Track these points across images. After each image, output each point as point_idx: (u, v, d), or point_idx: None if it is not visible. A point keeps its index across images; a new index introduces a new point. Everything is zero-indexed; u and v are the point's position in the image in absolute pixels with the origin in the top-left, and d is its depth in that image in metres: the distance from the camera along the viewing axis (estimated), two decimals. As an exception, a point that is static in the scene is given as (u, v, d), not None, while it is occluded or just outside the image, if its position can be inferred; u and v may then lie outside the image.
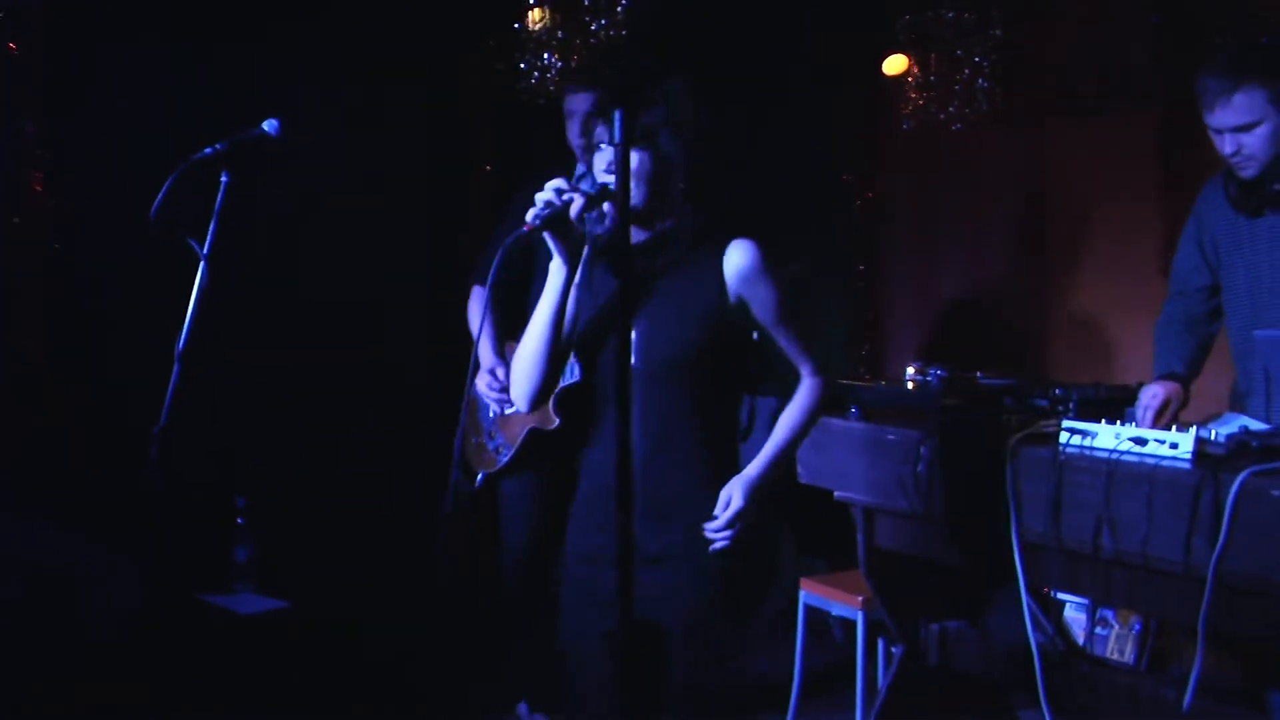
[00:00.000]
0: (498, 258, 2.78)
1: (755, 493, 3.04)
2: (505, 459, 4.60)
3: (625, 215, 2.60)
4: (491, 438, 4.68)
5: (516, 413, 4.56)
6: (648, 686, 2.69)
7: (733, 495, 3.02)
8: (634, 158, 2.99)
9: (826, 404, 3.25)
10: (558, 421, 4.41)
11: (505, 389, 4.56)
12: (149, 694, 4.25)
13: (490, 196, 6.14)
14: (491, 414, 4.68)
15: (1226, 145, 3.80)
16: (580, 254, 3.03)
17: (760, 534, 3.11)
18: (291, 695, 4.66)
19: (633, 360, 2.95)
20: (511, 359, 3.48)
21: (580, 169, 4.65)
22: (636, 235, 3.04)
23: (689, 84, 3.15)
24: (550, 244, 2.95)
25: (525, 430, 4.53)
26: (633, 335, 2.95)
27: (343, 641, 5.12)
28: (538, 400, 3.13)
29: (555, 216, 2.88)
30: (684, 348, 3.03)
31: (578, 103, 4.64)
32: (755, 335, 3.15)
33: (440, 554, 5.03)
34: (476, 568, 5.91)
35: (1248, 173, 3.83)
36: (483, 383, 4.63)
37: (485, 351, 4.66)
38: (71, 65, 5.20)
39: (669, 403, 3.04)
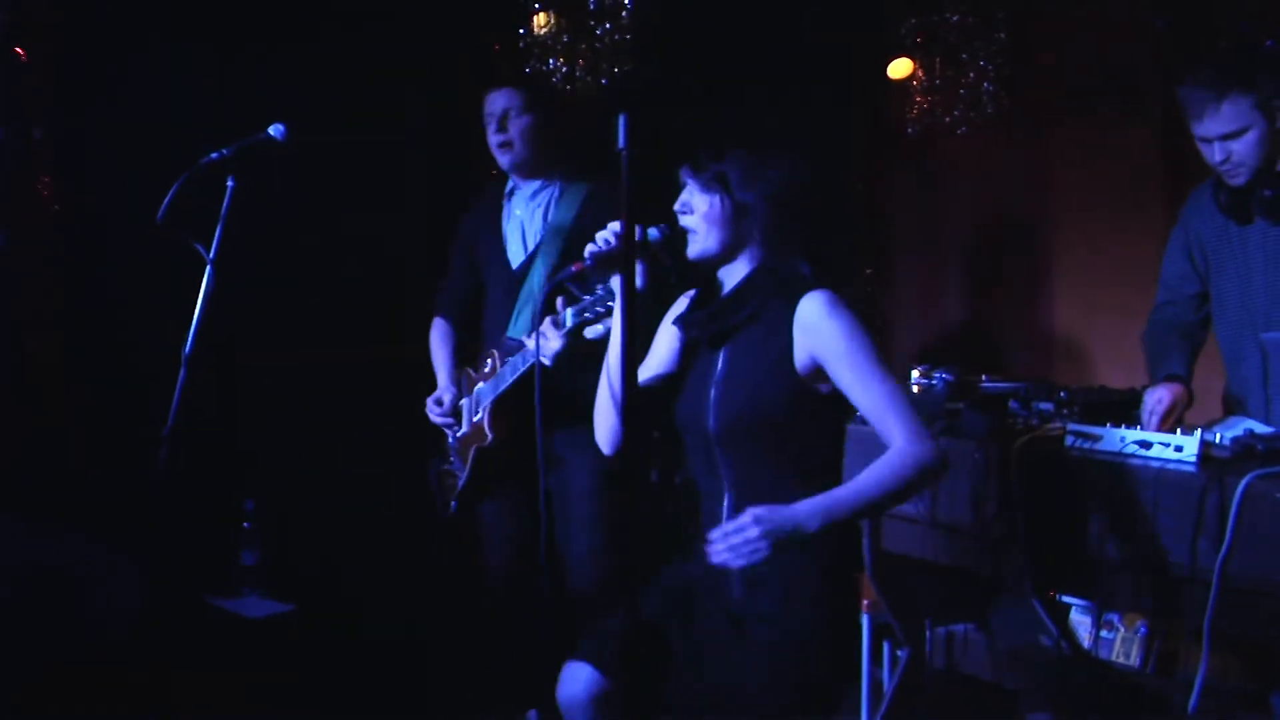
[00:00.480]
0: (547, 287, 2.84)
1: (769, 523, 2.77)
2: (462, 482, 4.57)
3: (630, 220, 2.54)
4: (452, 463, 4.66)
5: (465, 434, 4.54)
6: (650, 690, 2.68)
7: (746, 515, 2.79)
8: (706, 200, 3.01)
9: (928, 479, 2.92)
10: (491, 437, 4.37)
11: (452, 414, 4.56)
12: (155, 696, 4.26)
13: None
14: (451, 440, 4.66)
15: (1216, 154, 3.81)
16: (645, 293, 3.02)
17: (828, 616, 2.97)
18: (298, 698, 4.67)
19: (710, 422, 2.98)
20: (463, 384, 3.52)
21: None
22: (726, 285, 3.06)
23: (775, 132, 3.15)
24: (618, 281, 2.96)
25: (472, 450, 4.50)
26: (709, 393, 3.01)
27: (349, 645, 5.12)
28: (616, 444, 3.14)
29: (608, 257, 2.89)
30: (757, 408, 2.94)
31: (494, 103, 4.57)
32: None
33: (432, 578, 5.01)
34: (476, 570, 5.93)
35: (1238, 180, 3.83)
36: (431, 411, 4.62)
37: (440, 375, 4.68)
38: (80, 70, 5.21)
39: (749, 465, 2.97)
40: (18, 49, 5.02)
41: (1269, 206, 3.83)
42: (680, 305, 3.22)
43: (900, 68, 6.23)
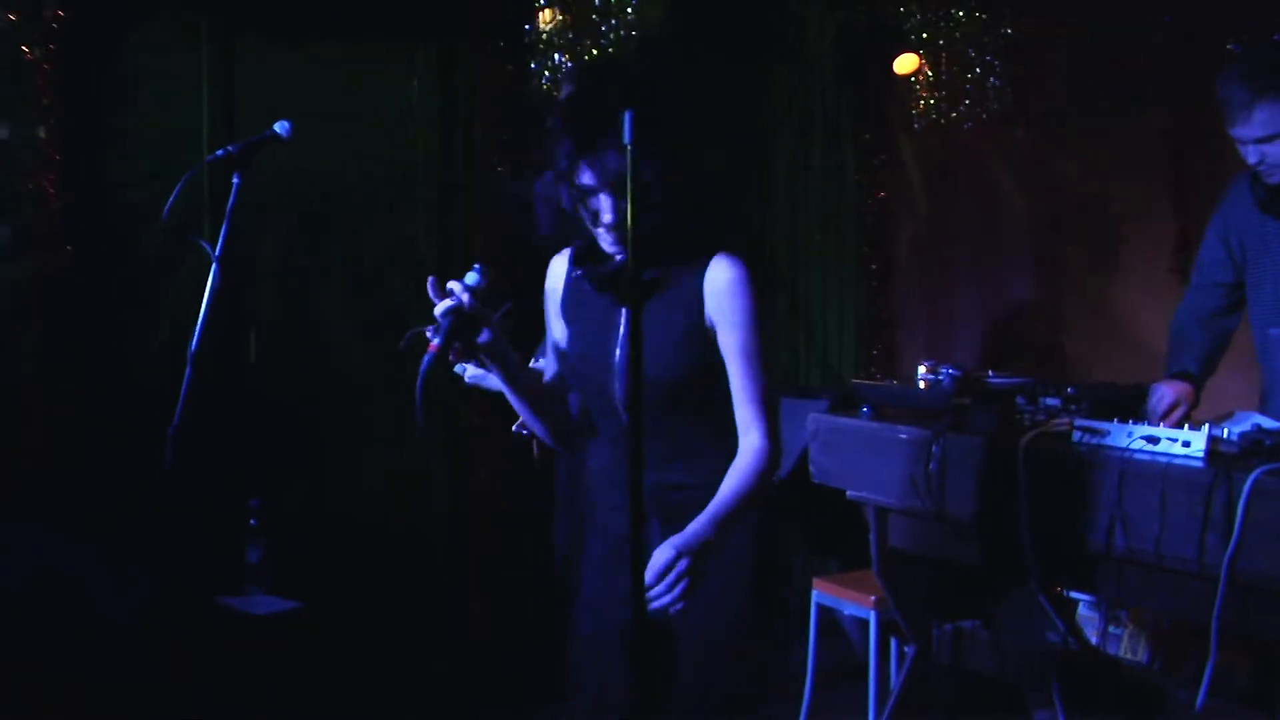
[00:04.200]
0: (419, 391, 2.58)
1: (690, 550, 2.66)
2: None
3: (633, 228, 2.48)
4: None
5: None
6: (658, 685, 2.65)
7: (656, 556, 2.66)
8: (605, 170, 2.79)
9: (770, 479, 2.84)
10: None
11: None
12: (162, 694, 4.27)
13: (501, 197, 6.14)
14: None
15: (1250, 156, 3.78)
16: (504, 354, 2.81)
17: (759, 549, 2.93)
18: (304, 696, 4.67)
19: (617, 388, 2.88)
20: None
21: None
22: (619, 254, 2.87)
23: (672, 93, 2.96)
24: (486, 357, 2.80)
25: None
26: (615, 360, 2.88)
27: (355, 642, 5.13)
28: (563, 440, 3.06)
29: (455, 327, 2.68)
30: (667, 372, 2.82)
31: None
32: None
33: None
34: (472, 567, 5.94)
35: (1274, 179, 3.81)
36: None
37: None
38: (85, 68, 5.22)
39: (657, 431, 2.81)
40: (23, 47, 5.02)
41: None
42: (556, 270, 3.05)
43: (906, 63, 6.23)
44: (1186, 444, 3.19)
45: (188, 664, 4.50)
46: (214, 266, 3.29)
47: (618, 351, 2.89)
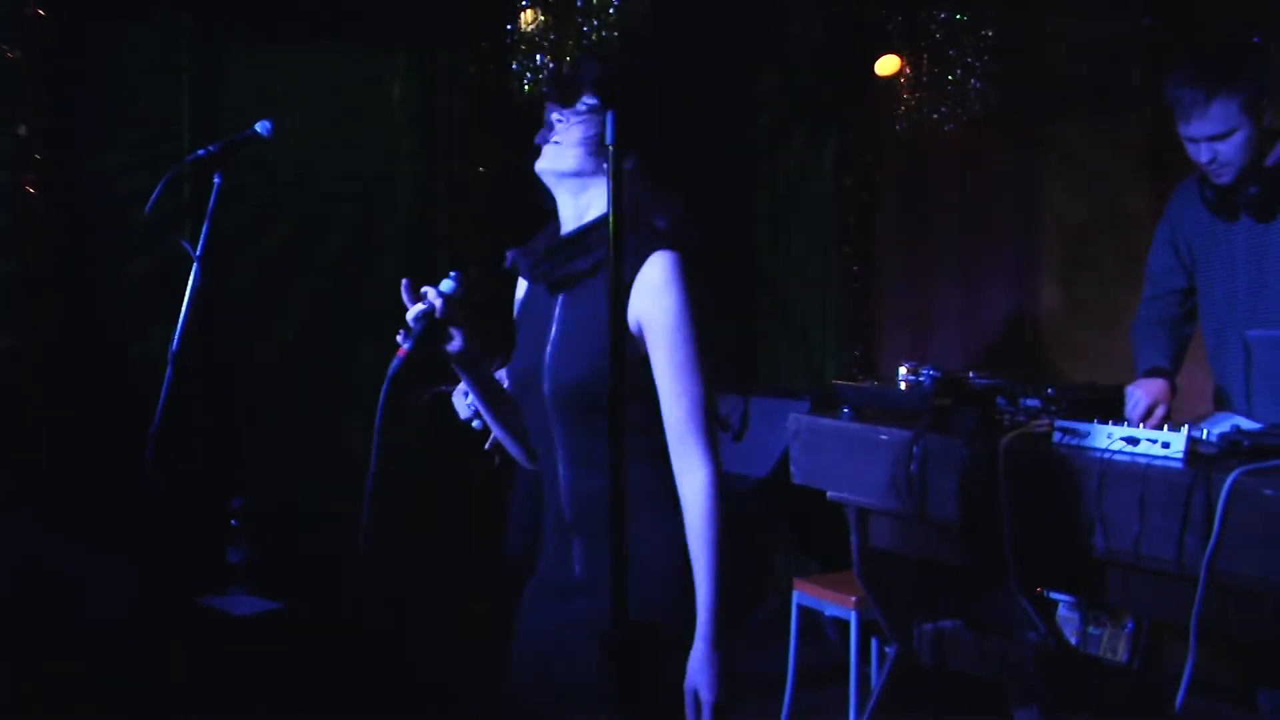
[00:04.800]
0: (383, 395, 2.56)
1: (716, 661, 2.54)
2: None
3: (618, 228, 2.38)
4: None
5: None
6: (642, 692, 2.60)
7: (699, 690, 2.53)
8: (580, 125, 2.69)
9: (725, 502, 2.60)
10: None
11: None
12: (144, 695, 4.26)
13: (484, 197, 6.14)
14: None
15: (1202, 154, 3.83)
16: (476, 362, 2.75)
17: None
18: (286, 696, 4.66)
19: (545, 386, 2.71)
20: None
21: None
22: (564, 226, 2.76)
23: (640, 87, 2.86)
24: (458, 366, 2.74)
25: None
26: (545, 353, 2.73)
27: (337, 642, 5.12)
28: (531, 456, 2.88)
29: (426, 332, 2.62)
30: (595, 375, 2.61)
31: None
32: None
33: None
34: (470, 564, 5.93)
35: (1223, 179, 3.85)
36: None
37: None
38: (66, 67, 5.21)
39: (585, 436, 2.68)
40: (3, 46, 5.01)
41: (1255, 204, 3.84)
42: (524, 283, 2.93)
43: (888, 65, 6.24)
44: (1166, 445, 3.21)
45: (170, 664, 4.49)
46: (195, 266, 3.29)
47: (549, 348, 2.73)
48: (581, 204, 2.74)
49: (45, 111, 5.12)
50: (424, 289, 2.65)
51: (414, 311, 2.64)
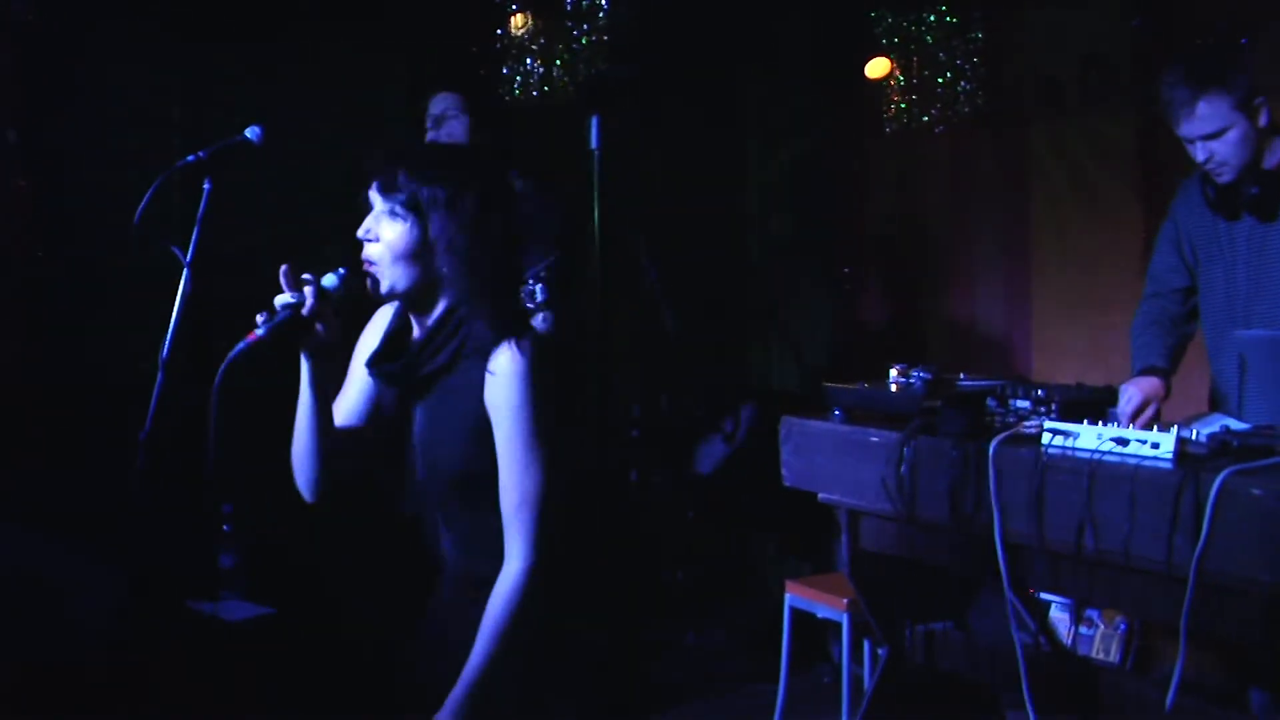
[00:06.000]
0: (219, 375, 2.54)
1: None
2: None
3: (603, 218, 2.39)
4: None
5: None
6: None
7: None
8: (396, 228, 2.65)
9: (535, 599, 2.62)
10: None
11: None
12: (135, 701, 4.25)
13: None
14: None
15: (1199, 153, 3.82)
16: (331, 356, 2.70)
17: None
18: (278, 702, 4.66)
19: (419, 473, 2.74)
20: None
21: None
22: (416, 326, 2.75)
23: (483, 153, 2.85)
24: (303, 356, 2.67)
25: None
26: (415, 441, 2.74)
27: (330, 648, 5.12)
28: (319, 493, 2.87)
29: (287, 323, 2.57)
30: (459, 463, 2.67)
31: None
32: None
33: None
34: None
35: (1223, 178, 3.85)
36: None
37: None
38: (55, 72, 5.20)
39: (462, 512, 2.73)
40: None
41: (1255, 204, 3.83)
42: (377, 325, 2.89)
43: (877, 67, 6.25)
44: (1155, 445, 3.21)
45: (161, 669, 4.48)
46: (185, 272, 3.28)
47: (416, 437, 2.75)
48: (429, 307, 2.72)
49: (36, 117, 5.11)
50: (305, 276, 2.61)
51: (282, 299, 2.59)
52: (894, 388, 3.98)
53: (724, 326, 7.37)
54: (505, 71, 5.72)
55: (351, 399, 2.86)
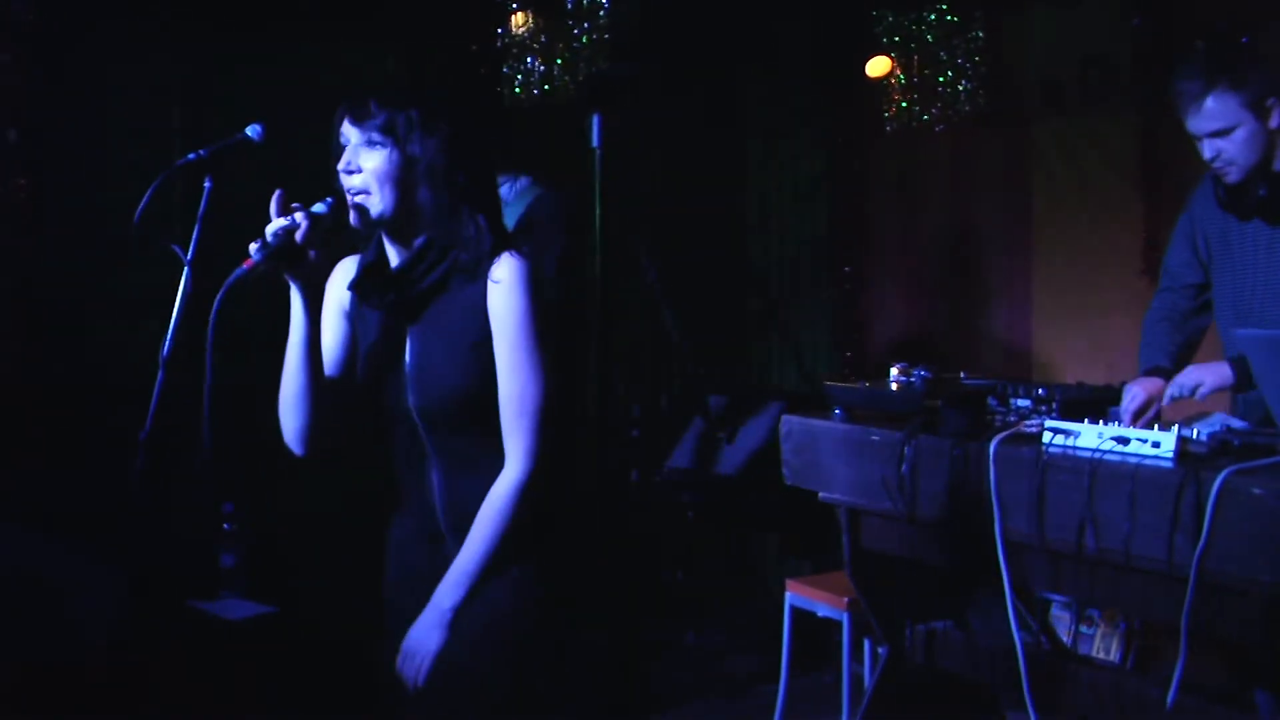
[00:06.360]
0: (218, 300, 2.53)
1: (426, 643, 2.69)
2: None
3: (604, 219, 2.41)
4: None
5: None
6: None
7: (421, 641, 2.69)
8: (376, 155, 2.69)
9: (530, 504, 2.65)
10: None
11: None
12: (136, 701, 4.25)
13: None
14: None
15: (1205, 150, 3.80)
16: (321, 285, 2.71)
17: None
18: (280, 701, 4.66)
19: (410, 399, 2.73)
20: None
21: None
22: (396, 254, 2.75)
23: (452, 81, 2.87)
24: (290, 281, 2.67)
25: None
26: (404, 369, 2.73)
27: (331, 647, 5.11)
28: (310, 443, 2.82)
29: (281, 249, 2.58)
30: (459, 385, 2.68)
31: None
32: None
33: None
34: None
35: (1230, 178, 3.82)
36: None
37: None
38: (56, 71, 5.20)
39: (456, 441, 2.73)
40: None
41: (1265, 206, 3.81)
42: (342, 274, 2.90)
43: (878, 66, 6.25)
44: (1156, 445, 3.21)
45: (162, 669, 4.48)
46: (186, 271, 3.28)
47: (407, 365, 2.74)
48: (409, 232, 2.73)
49: (37, 116, 5.11)
50: (294, 205, 2.63)
51: (275, 225, 2.61)
52: (895, 387, 3.98)
53: (724, 326, 7.37)
54: (506, 70, 5.71)
55: (327, 349, 2.85)
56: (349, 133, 2.75)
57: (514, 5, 5.73)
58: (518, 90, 5.69)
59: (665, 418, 6.78)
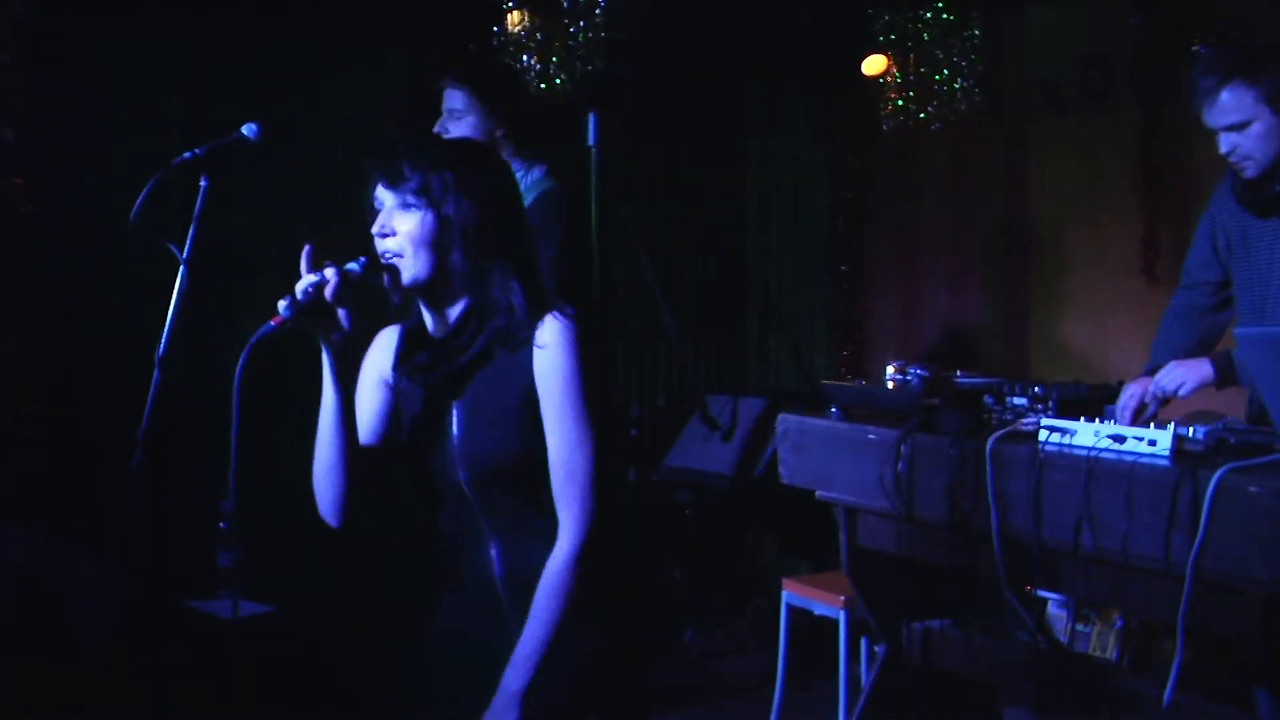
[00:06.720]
0: (242, 359, 2.45)
1: (527, 705, 2.53)
2: None
3: (599, 215, 2.36)
4: None
5: None
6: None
7: None
8: (411, 218, 2.60)
9: (584, 582, 2.56)
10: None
11: None
12: (134, 700, 4.25)
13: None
14: None
15: (1222, 145, 3.74)
16: (352, 350, 2.63)
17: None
18: (277, 700, 4.66)
19: (460, 474, 2.65)
20: None
21: None
22: (431, 322, 2.67)
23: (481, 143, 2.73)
24: (322, 346, 2.59)
25: None
26: (453, 444, 2.66)
27: (328, 646, 5.12)
28: (345, 514, 2.75)
29: (311, 306, 2.49)
30: (507, 453, 2.60)
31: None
32: None
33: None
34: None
35: (1247, 173, 3.76)
36: None
37: None
38: (54, 71, 5.20)
39: (511, 509, 2.65)
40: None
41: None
42: (383, 343, 2.82)
43: (875, 64, 6.25)
44: (1152, 443, 3.21)
45: (159, 668, 4.48)
46: (182, 269, 3.28)
47: (455, 436, 2.67)
48: (446, 298, 2.65)
49: (35, 115, 5.12)
50: (326, 262, 2.54)
51: (305, 282, 2.52)
52: (891, 385, 3.98)
53: (722, 326, 7.37)
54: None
55: (367, 416, 2.77)
56: (383, 195, 2.65)
57: (510, 4, 5.73)
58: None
59: (664, 417, 6.78)
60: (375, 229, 2.63)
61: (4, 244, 5.04)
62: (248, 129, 3.43)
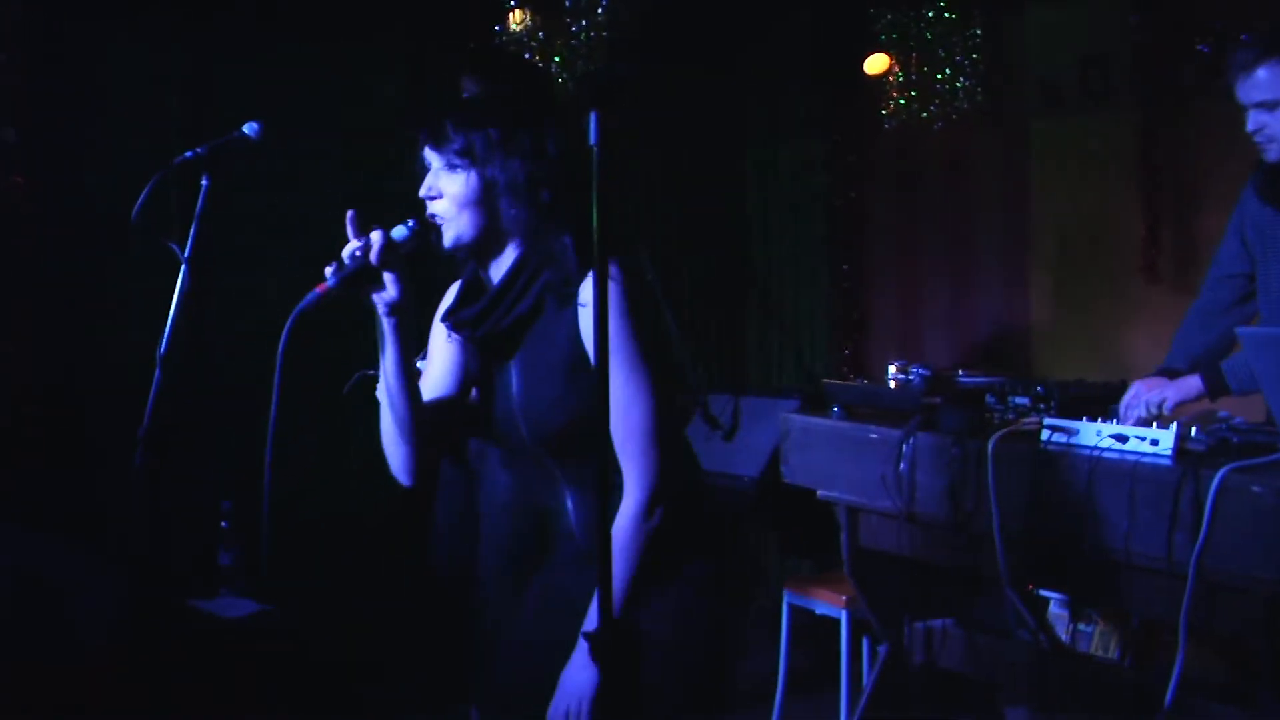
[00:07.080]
0: (287, 327, 2.48)
1: (584, 690, 2.54)
2: None
3: (600, 217, 2.34)
4: None
5: None
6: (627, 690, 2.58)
7: (577, 682, 2.54)
8: (457, 179, 2.61)
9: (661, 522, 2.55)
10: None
11: None
12: (134, 699, 4.25)
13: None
14: None
15: (1250, 123, 3.67)
16: (407, 311, 2.60)
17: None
18: (277, 700, 4.65)
19: (524, 432, 2.65)
20: None
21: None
22: (484, 280, 2.68)
23: (529, 94, 2.73)
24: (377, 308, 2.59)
25: None
26: (513, 401, 2.66)
27: (329, 645, 5.11)
28: (416, 473, 2.75)
29: (357, 273, 2.52)
30: (566, 411, 2.59)
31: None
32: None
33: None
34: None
35: (1270, 155, 3.72)
36: None
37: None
38: (53, 71, 5.20)
39: (580, 465, 2.64)
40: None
41: None
42: (448, 299, 2.84)
43: (876, 63, 6.24)
44: (1155, 442, 3.21)
45: (159, 668, 4.48)
46: (183, 268, 3.28)
47: (515, 396, 2.67)
48: (499, 256, 2.67)
49: (35, 115, 5.11)
50: (373, 231, 2.56)
51: (350, 248, 2.54)
52: (893, 385, 3.98)
53: (723, 325, 7.37)
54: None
55: (438, 371, 2.80)
56: (430, 157, 2.66)
57: (512, 3, 5.73)
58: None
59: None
60: (422, 191, 2.66)
61: (4, 244, 5.04)
62: (248, 128, 3.42)
